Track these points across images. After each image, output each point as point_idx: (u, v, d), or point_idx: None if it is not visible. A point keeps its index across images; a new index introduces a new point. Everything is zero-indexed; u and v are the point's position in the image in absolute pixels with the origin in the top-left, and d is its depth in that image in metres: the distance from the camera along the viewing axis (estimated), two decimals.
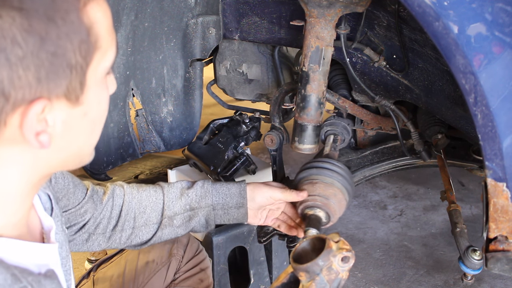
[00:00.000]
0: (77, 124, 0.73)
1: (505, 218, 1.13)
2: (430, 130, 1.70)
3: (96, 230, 1.23)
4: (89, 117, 0.75)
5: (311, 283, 0.91)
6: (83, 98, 0.72)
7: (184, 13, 1.71)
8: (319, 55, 1.29)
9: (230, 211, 1.29)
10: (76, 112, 0.72)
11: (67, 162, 0.79)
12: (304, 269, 0.91)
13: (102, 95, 0.77)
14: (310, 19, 1.28)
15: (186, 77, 1.82)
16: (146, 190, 1.29)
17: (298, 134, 1.35)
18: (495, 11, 0.98)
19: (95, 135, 0.80)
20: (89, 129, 0.76)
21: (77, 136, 0.75)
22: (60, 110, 0.70)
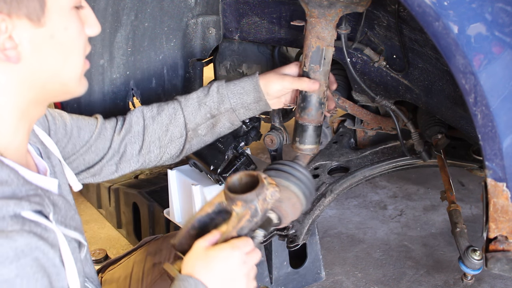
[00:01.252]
0: (45, 46, 0.80)
1: (505, 218, 1.13)
2: (430, 130, 1.70)
3: (122, 159, 1.31)
4: (56, 40, 0.81)
5: (247, 211, 1.02)
6: (45, 20, 0.79)
7: (184, 13, 1.71)
8: (319, 55, 1.29)
9: (251, 106, 1.33)
10: (41, 32, 0.79)
11: (51, 88, 0.85)
12: (243, 198, 1.01)
13: (71, 22, 0.83)
14: (311, 19, 1.28)
15: (186, 77, 1.82)
16: (165, 109, 1.34)
17: (299, 135, 1.35)
18: (495, 11, 0.98)
19: (72, 62, 0.86)
20: (59, 52, 0.82)
21: (48, 58, 0.81)
22: (24, 29, 0.77)
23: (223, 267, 0.96)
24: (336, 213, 2.83)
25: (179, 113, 1.32)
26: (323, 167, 1.90)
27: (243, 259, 0.97)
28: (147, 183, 2.64)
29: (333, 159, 1.93)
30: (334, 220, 2.75)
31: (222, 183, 1.92)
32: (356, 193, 3.04)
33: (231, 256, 0.97)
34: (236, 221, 1.04)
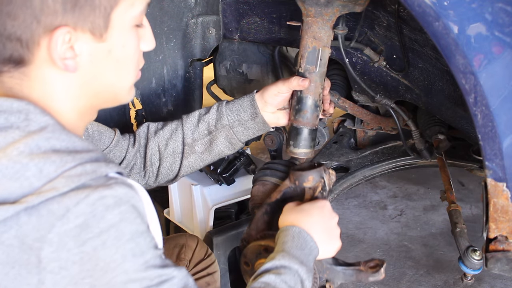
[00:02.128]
0: (102, 59, 0.86)
1: (505, 218, 1.13)
2: (430, 130, 1.70)
3: (131, 171, 1.33)
4: (113, 55, 0.87)
5: (318, 184, 1.18)
6: (107, 36, 0.84)
7: (184, 13, 1.71)
8: (316, 56, 1.26)
9: (248, 124, 1.30)
10: (100, 47, 0.85)
11: (103, 97, 0.92)
12: (314, 172, 1.17)
13: (129, 40, 0.89)
14: (308, 19, 1.25)
15: (186, 77, 1.82)
16: (168, 124, 1.35)
17: (293, 138, 1.29)
18: (495, 11, 0.98)
19: (125, 76, 0.93)
20: (114, 67, 0.89)
21: (104, 71, 0.88)
22: (85, 42, 0.83)
23: (320, 215, 1.09)
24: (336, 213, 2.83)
25: (179, 128, 1.33)
26: None
27: (332, 211, 1.12)
28: None
29: (333, 159, 1.93)
30: None
31: (222, 183, 1.92)
32: (356, 193, 3.04)
33: (324, 206, 1.11)
34: (310, 194, 1.17)
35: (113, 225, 0.75)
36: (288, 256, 0.98)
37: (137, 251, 0.77)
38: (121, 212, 0.76)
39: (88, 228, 0.74)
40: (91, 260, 0.74)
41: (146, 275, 0.77)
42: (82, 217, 0.73)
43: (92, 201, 0.74)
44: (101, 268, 0.74)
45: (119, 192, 0.77)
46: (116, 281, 0.75)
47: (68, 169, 0.76)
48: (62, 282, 0.73)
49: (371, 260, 1.15)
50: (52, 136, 0.79)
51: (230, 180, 1.82)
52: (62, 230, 0.72)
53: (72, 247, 0.73)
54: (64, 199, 0.73)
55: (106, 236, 0.74)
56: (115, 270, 0.75)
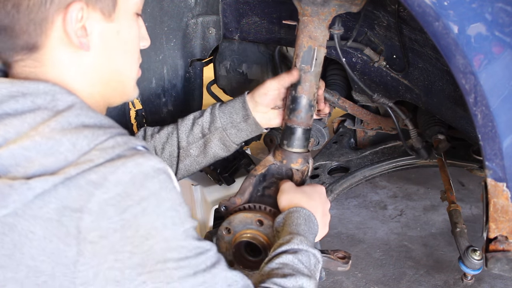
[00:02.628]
0: (112, 40, 0.89)
1: (505, 218, 1.13)
2: (430, 130, 1.70)
3: None
4: (121, 37, 0.90)
5: (306, 167, 1.24)
6: (115, 16, 0.88)
7: (184, 13, 1.71)
8: (311, 56, 1.25)
9: (240, 126, 1.31)
10: (110, 27, 0.88)
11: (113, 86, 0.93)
12: (303, 156, 1.24)
13: (133, 25, 0.93)
14: (303, 18, 1.25)
15: (186, 77, 1.82)
16: (165, 128, 1.36)
17: (287, 137, 1.28)
18: (495, 11, 0.98)
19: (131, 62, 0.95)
20: (123, 49, 0.91)
21: (114, 53, 0.90)
22: (96, 22, 0.85)
23: (319, 199, 1.14)
24: (336, 213, 2.83)
25: (175, 132, 1.33)
26: (323, 167, 1.91)
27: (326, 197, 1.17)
28: None
29: (333, 159, 1.93)
30: (334, 220, 2.75)
31: (222, 183, 1.92)
32: (356, 193, 3.04)
33: (323, 191, 1.17)
34: (299, 176, 1.23)
35: (154, 193, 0.76)
36: (305, 240, 1.01)
37: (177, 219, 0.79)
38: (160, 180, 0.77)
39: (128, 196, 0.74)
40: (131, 227, 0.74)
41: (185, 244, 0.79)
42: (121, 186, 0.74)
43: (129, 169, 0.75)
44: (141, 235, 0.75)
45: (155, 161, 0.78)
46: (156, 249, 0.75)
47: (100, 142, 0.77)
48: (102, 251, 0.73)
49: (339, 251, 1.21)
50: (81, 113, 0.81)
51: (230, 180, 1.82)
52: (102, 199, 0.73)
53: (113, 215, 0.73)
54: (101, 168, 0.74)
55: (147, 204, 0.75)
56: (156, 237, 0.76)
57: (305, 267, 0.95)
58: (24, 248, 0.73)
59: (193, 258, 0.79)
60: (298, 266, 0.94)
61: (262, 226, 1.14)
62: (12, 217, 0.73)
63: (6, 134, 0.76)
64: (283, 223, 1.07)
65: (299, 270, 0.94)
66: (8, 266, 0.74)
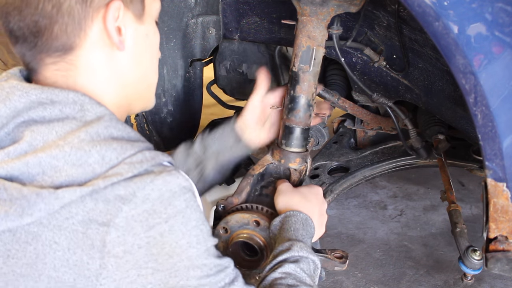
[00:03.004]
0: (142, 43, 0.90)
1: (505, 218, 1.13)
2: (430, 130, 1.70)
3: None
4: (149, 40, 0.92)
5: (304, 167, 1.26)
6: (144, 18, 0.90)
7: (184, 13, 1.71)
8: (310, 55, 1.25)
9: (234, 149, 1.31)
10: (140, 29, 0.89)
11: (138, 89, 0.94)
12: (302, 155, 1.25)
13: (156, 30, 0.95)
14: (302, 18, 1.25)
15: (186, 77, 1.82)
16: None
17: (285, 137, 1.28)
18: (495, 11, 0.98)
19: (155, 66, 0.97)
20: (150, 52, 0.93)
21: (142, 54, 0.91)
22: (129, 22, 0.87)
23: (316, 201, 1.14)
24: (336, 213, 2.83)
25: None
26: (323, 167, 1.91)
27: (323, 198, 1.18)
28: None
29: (333, 159, 1.93)
30: (334, 220, 2.75)
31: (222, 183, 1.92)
32: (356, 193, 3.04)
33: (319, 192, 1.17)
34: (297, 176, 1.24)
35: (180, 211, 0.77)
36: (305, 246, 1.01)
37: (201, 238, 0.80)
38: (186, 199, 0.78)
39: (156, 213, 0.75)
40: (157, 244, 0.75)
41: (207, 262, 0.79)
42: (150, 202, 0.74)
43: (158, 187, 0.75)
44: (166, 252, 0.75)
45: (181, 180, 0.79)
46: (180, 266, 0.76)
47: (129, 156, 0.77)
48: (125, 266, 0.73)
49: (336, 250, 1.22)
50: (110, 124, 0.81)
51: (230, 180, 1.82)
52: (130, 215, 0.73)
53: (140, 231, 0.74)
54: (130, 184, 0.74)
55: (174, 222, 0.76)
56: (180, 255, 0.76)
57: (307, 275, 0.96)
58: (47, 258, 0.73)
59: (214, 276, 0.80)
60: (301, 275, 0.95)
61: (258, 227, 1.14)
62: (37, 226, 0.73)
63: (33, 141, 0.76)
64: (280, 227, 1.07)
65: (301, 280, 0.94)
66: (30, 275, 0.74)
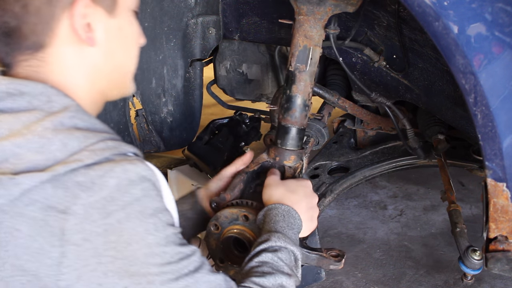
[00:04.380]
0: (115, 36, 0.91)
1: (505, 218, 1.13)
2: (430, 130, 1.70)
3: None
4: (123, 32, 0.93)
5: (299, 165, 1.26)
6: (116, 12, 0.90)
7: (184, 13, 1.71)
8: (306, 55, 1.24)
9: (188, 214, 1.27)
10: (113, 24, 0.90)
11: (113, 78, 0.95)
12: (296, 153, 1.26)
13: (132, 21, 0.96)
14: (299, 17, 1.24)
15: (186, 77, 1.82)
16: None
17: (281, 136, 1.28)
18: (495, 11, 0.98)
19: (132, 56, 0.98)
20: (125, 44, 0.94)
21: (116, 49, 0.92)
22: (100, 18, 0.88)
23: (304, 193, 1.13)
24: (336, 213, 2.83)
25: None
26: (323, 167, 1.91)
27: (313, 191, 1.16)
28: None
29: (333, 159, 1.93)
30: (334, 220, 2.75)
31: None
32: (356, 193, 3.04)
33: (308, 185, 1.16)
34: (291, 173, 1.24)
35: (137, 199, 0.77)
36: (283, 237, 1.00)
37: (159, 225, 0.79)
38: (144, 188, 0.79)
39: (113, 200, 0.75)
40: (115, 232, 0.75)
41: (167, 249, 0.79)
42: (107, 190, 0.75)
43: (116, 174, 0.76)
44: (125, 240, 0.76)
45: (141, 169, 0.79)
46: (139, 254, 0.76)
47: (91, 144, 0.79)
48: (85, 254, 0.73)
49: (333, 249, 1.21)
50: (75, 115, 0.82)
51: None
52: (88, 202, 0.74)
53: (97, 218, 0.74)
54: (89, 171, 0.75)
55: (130, 209, 0.76)
56: (138, 243, 0.77)
57: (285, 264, 0.96)
58: (9, 246, 0.73)
59: (175, 263, 0.80)
60: (278, 263, 0.95)
61: (248, 221, 1.14)
62: None
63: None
64: (263, 220, 1.07)
65: (278, 268, 0.94)
66: None
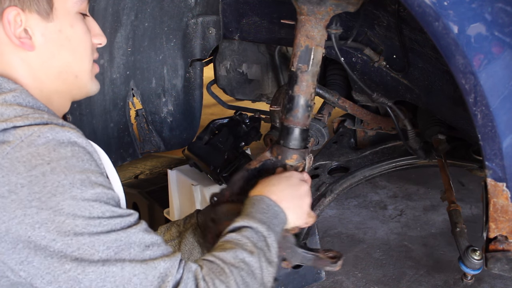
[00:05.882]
0: (55, 38, 0.94)
1: (505, 218, 1.13)
2: (430, 130, 1.70)
3: None
4: (64, 34, 0.95)
5: (300, 164, 1.26)
6: (53, 17, 0.93)
7: (184, 13, 1.71)
8: (308, 55, 1.24)
9: None
10: (50, 27, 0.93)
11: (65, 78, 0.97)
12: (299, 152, 1.25)
13: (76, 23, 0.97)
14: (301, 17, 1.24)
15: (186, 77, 1.82)
16: None
17: (284, 137, 1.27)
18: (495, 11, 0.98)
19: (80, 56, 0.99)
20: (69, 45, 0.96)
21: (59, 49, 0.95)
22: (36, 23, 0.91)
23: (286, 183, 1.13)
24: (336, 213, 2.83)
25: None
26: (323, 167, 1.90)
27: (301, 178, 1.17)
28: (147, 183, 2.64)
29: (333, 159, 1.93)
30: (334, 220, 2.75)
31: (222, 183, 1.92)
32: (356, 193, 3.04)
33: (292, 175, 1.16)
34: None
35: (65, 157, 0.80)
36: (247, 218, 1.01)
37: (87, 182, 0.81)
38: (74, 150, 0.82)
39: (39, 156, 0.79)
40: (39, 183, 0.78)
41: (96, 205, 0.80)
42: (34, 147, 0.79)
43: (45, 134, 0.80)
44: (48, 191, 0.78)
45: (73, 135, 0.83)
46: (64, 205, 0.78)
47: (26, 114, 0.83)
48: (11, 206, 0.77)
49: (331, 250, 1.20)
50: (19, 95, 0.88)
51: None
52: (14, 156, 0.78)
53: (22, 171, 0.77)
54: (18, 130, 0.80)
55: (56, 164, 0.79)
56: (63, 195, 0.78)
57: (249, 241, 0.95)
58: None
59: (106, 219, 0.80)
60: (242, 240, 0.95)
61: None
62: None
63: None
64: None
65: (240, 244, 0.94)
66: None
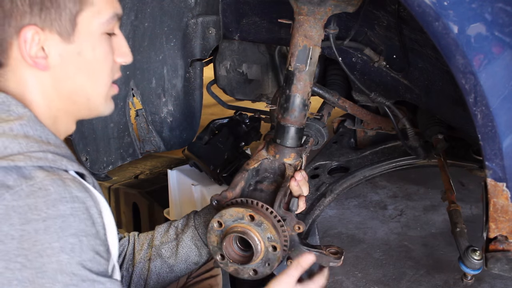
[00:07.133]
0: (72, 61, 0.91)
1: (505, 218, 1.13)
2: (430, 130, 1.70)
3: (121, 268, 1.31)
4: (83, 57, 0.91)
5: (299, 162, 1.27)
6: (75, 38, 0.89)
7: (184, 13, 1.71)
8: (306, 55, 1.24)
9: None
10: (70, 49, 0.89)
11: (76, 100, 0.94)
12: (296, 150, 1.26)
13: (99, 45, 0.93)
14: (299, 17, 1.24)
15: (186, 77, 1.82)
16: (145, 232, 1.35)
17: (280, 136, 1.28)
18: (495, 11, 0.98)
19: (98, 81, 0.96)
20: (86, 69, 0.93)
21: (75, 72, 0.92)
22: (54, 43, 0.88)
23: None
24: (336, 213, 2.83)
25: (150, 233, 1.33)
26: (323, 167, 1.91)
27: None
28: (147, 183, 2.64)
29: (333, 159, 1.93)
30: (334, 220, 2.75)
31: (222, 183, 1.92)
32: (356, 193, 3.04)
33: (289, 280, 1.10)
34: (292, 170, 1.24)
35: (62, 216, 0.78)
36: None
37: (77, 248, 0.79)
38: (74, 208, 0.79)
39: (36, 210, 0.76)
40: (30, 240, 0.75)
41: (79, 273, 0.79)
42: (33, 198, 0.76)
43: (46, 186, 0.77)
44: (37, 250, 0.76)
45: (74, 189, 0.80)
46: (48, 268, 0.76)
47: (30, 152, 0.80)
48: None
49: (332, 246, 1.23)
50: (27, 124, 0.84)
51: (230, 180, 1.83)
52: (11, 205, 0.75)
53: (16, 223, 0.75)
54: (20, 174, 0.77)
55: (51, 223, 0.76)
56: (50, 257, 0.76)
57: None
58: None
59: (85, 284, 0.79)
60: None
61: (253, 221, 1.15)
62: None
63: None
64: None
65: None
66: None
